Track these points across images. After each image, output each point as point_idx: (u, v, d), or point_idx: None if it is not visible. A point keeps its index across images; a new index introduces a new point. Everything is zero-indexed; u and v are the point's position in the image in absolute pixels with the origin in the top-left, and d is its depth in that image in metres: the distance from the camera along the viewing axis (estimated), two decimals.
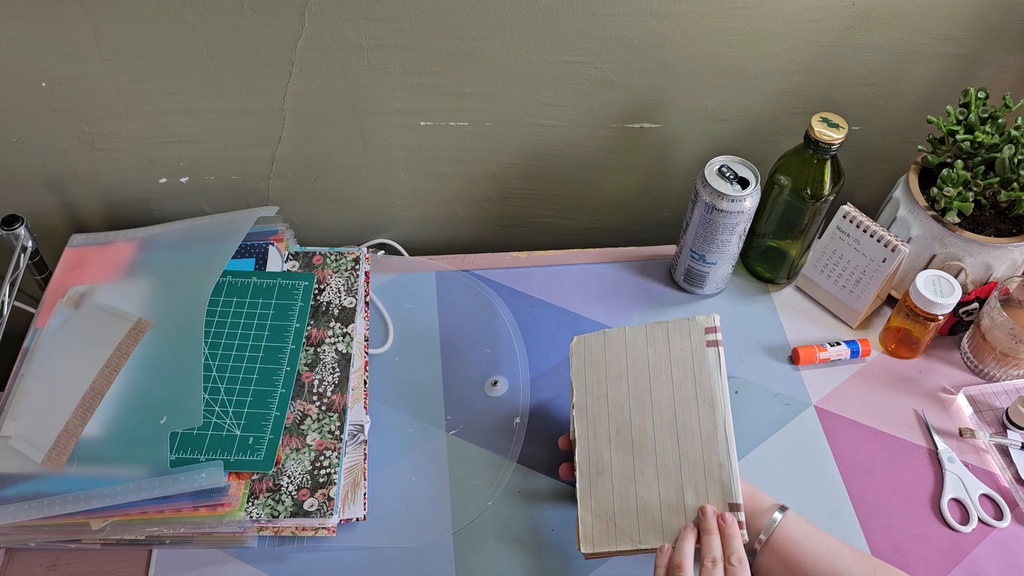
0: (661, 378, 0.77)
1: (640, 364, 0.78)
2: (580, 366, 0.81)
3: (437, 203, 1.07)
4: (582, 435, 0.77)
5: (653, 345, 0.79)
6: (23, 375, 0.81)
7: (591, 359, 0.81)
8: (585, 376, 0.80)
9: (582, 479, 0.75)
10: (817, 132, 0.87)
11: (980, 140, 0.89)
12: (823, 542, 0.72)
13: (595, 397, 0.78)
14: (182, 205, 1.02)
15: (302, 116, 0.94)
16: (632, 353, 0.79)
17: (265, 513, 0.75)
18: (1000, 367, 0.92)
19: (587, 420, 0.78)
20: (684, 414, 0.75)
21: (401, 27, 0.86)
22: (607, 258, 1.04)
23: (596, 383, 0.79)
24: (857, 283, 0.94)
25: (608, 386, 0.78)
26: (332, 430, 0.81)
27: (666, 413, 0.76)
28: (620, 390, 0.78)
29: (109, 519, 0.73)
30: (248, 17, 0.84)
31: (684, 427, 0.75)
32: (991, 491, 0.84)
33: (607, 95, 0.96)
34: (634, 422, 0.76)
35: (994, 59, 0.97)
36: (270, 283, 0.90)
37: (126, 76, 0.87)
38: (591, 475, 0.75)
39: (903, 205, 0.94)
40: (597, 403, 0.78)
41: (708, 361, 0.77)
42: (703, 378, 0.76)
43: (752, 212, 0.91)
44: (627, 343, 0.80)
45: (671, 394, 0.76)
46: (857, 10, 0.91)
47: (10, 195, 0.97)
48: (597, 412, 0.78)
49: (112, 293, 0.87)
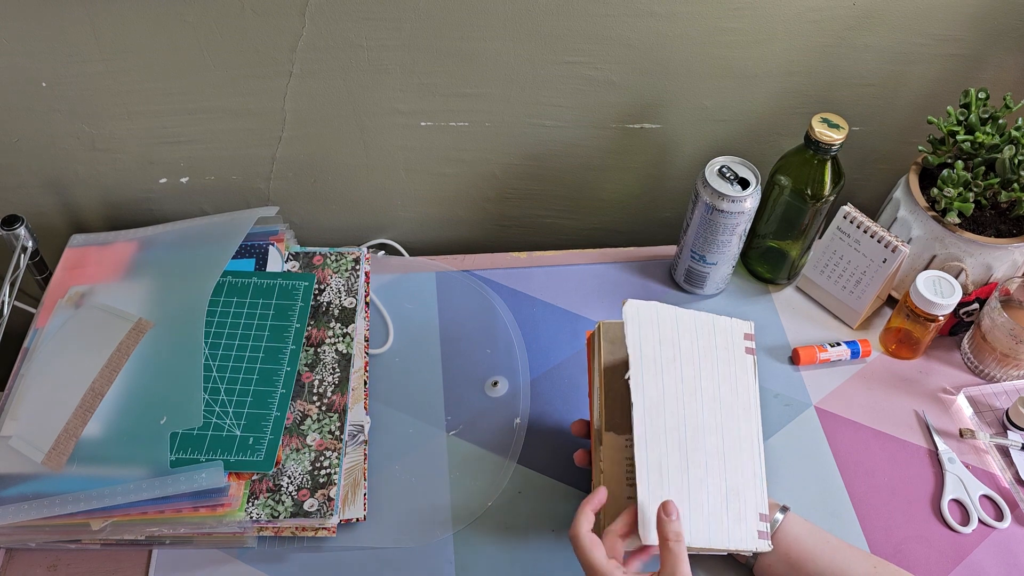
0: (709, 372, 0.74)
1: (692, 352, 0.75)
2: (636, 336, 0.73)
3: (437, 203, 1.07)
4: (640, 420, 0.71)
5: (702, 336, 0.76)
6: (23, 375, 0.81)
7: (647, 331, 0.74)
8: (641, 349, 0.73)
9: (642, 479, 0.69)
10: (817, 133, 0.87)
11: (980, 141, 0.89)
12: (824, 540, 0.73)
13: (652, 375, 0.72)
14: (182, 205, 1.02)
15: (302, 116, 0.94)
16: (685, 337, 0.75)
17: (265, 513, 0.75)
18: (1000, 368, 0.92)
19: (643, 403, 0.71)
20: (728, 416, 0.74)
21: (401, 27, 0.86)
22: (607, 258, 1.04)
23: (652, 360, 0.73)
24: (857, 284, 0.94)
25: (663, 367, 0.74)
26: (332, 430, 0.81)
27: (714, 411, 0.74)
28: (674, 375, 0.73)
29: (109, 519, 0.73)
30: (248, 17, 0.84)
31: (728, 429, 0.73)
32: (991, 492, 0.84)
33: (607, 95, 0.96)
34: (687, 414, 0.73)
35: (995, 60, 0.97)
36: (270, 283, 0.90)
37: (127, 76, 0.87)
38: (649, 476, 0.69)
39: (903, 206, 0.94)
40: (655, 383, 0.72)
41: (748, 367, 0.76)
42: (743, 384, 0.75)
43: (752, 213, 0.91)
44: (679, 325, 0.75)
45: (717, 391, 0.74)
46: (858, 11, 0.91)
47: (10, 195, 0.97)
48: (655, 395, 0.72)
49: (112, 293, 0.87)
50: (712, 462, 0.72)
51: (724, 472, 0.72)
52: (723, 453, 0.73)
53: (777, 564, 0.73)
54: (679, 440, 0.72)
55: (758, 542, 0.71)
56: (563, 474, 0.84)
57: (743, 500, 0.72)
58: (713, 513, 0.71)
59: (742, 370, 0.76)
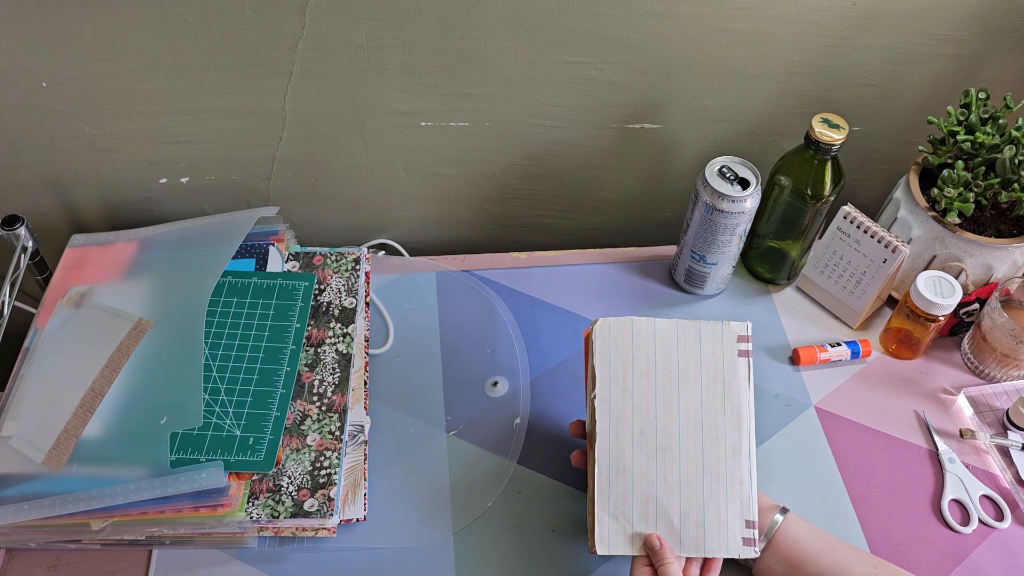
0: (690, 381, 0.75)
1: (669, 362, 0.75)
2: (604, 353, 0.76)
3: (437, 203, 1.07)
4: (603, 430, 0.74)
5: (684, 344, 0.76)
6: (23, 375, 0.81)
7: (617, 347, 0.76)
8: (610, 365, 0.75)
9: (600, 476, 0.73)
10: (818, 133, 0.87)
11: (981, 141, 0.89)
12: (823, 540, 0.73)
13: (619, 390, 0.75)
14: (182, 205, 1.02)
15: (302, 116, 0.94)
16: (662, 349, 0.76)
17: (265, 513, 0.75)
18: (1000, 368, 0.92)
19: (609, 414, 0.74)
20: (710, 422, 0.74)
21: (402, 27, 0.86)
22: (607, 258, 1.04)
23: (621, 374, 0.75)
24: (857, 284, 0.94)
25: (634, 380, 0.75)
26: (332, 430, 0.81)
27: (693, 418, 0.74)
28: (647, 387, 0.75)
29: (109, 519, 0.73)
30: (249, 17, 0.84)
31: (710, 436, 0.73)
32: (992, 492, 0.84)
33: (608, 95, 0.96)
34: (660, 423, 0.74)
35: (995, 60, 0.97)
36: (270, 283, 0.90)
37: (127, 76, 0.87)
38: (611, 474, 0.73)
39: (904, 206, 0.94)
40: (622, 397, 0.74)
41: (739, 371, 0.75)
42: (732, 388, 0.75)
43: (753, 213, 0.91)
44: (656, 336, 0.76)
45: (699, 399, 0.74)
46: (858, 11, 0.91)
47: (10, 195, 0.97)
48: (621, 407, 0.74)
49: (112, 293, 0.87)
50: (688, 471, 0.73)
51: (702, 480, 0.72)
52: (702, 461, 0.73)
53: (776, 565, 0.73)
54: (649, 452, 0.73)
55: (742, 549, 0.71)
56: (563, 474, 0.84)
57: (724, 508, 0.72)
58: (686, 522, 0.71)
59: (732, 375, 0.75)
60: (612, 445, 0.73)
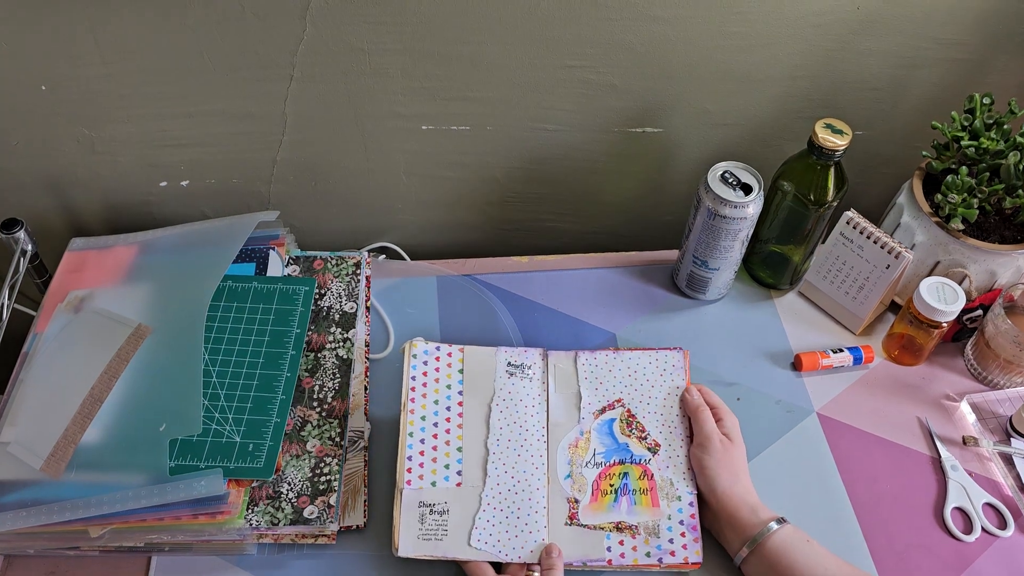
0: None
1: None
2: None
3: (438, 207, 1.06)
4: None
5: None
6: (22, 380, 0.81)
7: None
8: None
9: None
10: (821, 138, 0.86)
11: (985, 146, 0.89)
12: (813, 553, 0.73)
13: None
14: (183, 209, 1.01)
15: (303, 120, 0.93)
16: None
17: (265, 520, 0.75)
18: (1004, 375, 0.91)
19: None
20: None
21: (403, 31, 0.86)
22: (609, 263, 1.03)
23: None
24: (860, 289, 0.94)
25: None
26: (332, 436, 0.81)
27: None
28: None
29: (108, 526, 0.73)
30: (249, 21, 0.83)
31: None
32: (995, 500, 0.84)
33: (609, 99, 0.95)
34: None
35: (999, 64, 0.97)
36: (270, 288, 0.90)
37: (127, 79, 0.87)
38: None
39: (907, 211, 0.93)
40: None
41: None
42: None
43: (755, 218, 0.90)
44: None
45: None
46: (861, 15, 0.90)
47: (10, 198, 0.97)
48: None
49: (112, 298, 0.86)
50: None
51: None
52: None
53: (760, 568, 0.74)
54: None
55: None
56: None
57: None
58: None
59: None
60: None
